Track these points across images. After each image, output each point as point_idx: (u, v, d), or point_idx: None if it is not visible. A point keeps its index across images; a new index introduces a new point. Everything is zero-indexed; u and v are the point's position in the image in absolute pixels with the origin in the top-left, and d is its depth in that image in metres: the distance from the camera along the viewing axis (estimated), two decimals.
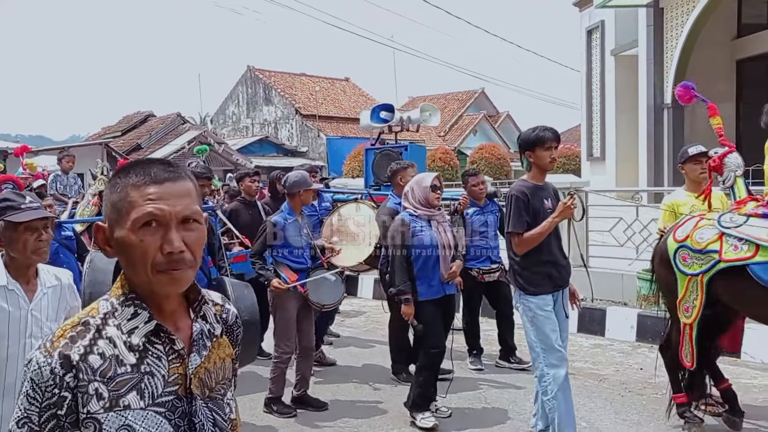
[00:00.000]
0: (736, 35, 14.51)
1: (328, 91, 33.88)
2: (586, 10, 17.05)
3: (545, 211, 3.92)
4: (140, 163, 1.32)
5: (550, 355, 3.89)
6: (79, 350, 1.21)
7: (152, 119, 27.63)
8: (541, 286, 3.93)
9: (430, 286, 4.52)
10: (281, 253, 4.98)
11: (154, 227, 1.25)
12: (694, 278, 4.08)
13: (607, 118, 16.39)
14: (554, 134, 3.94)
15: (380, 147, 7.89)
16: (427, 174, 4.76)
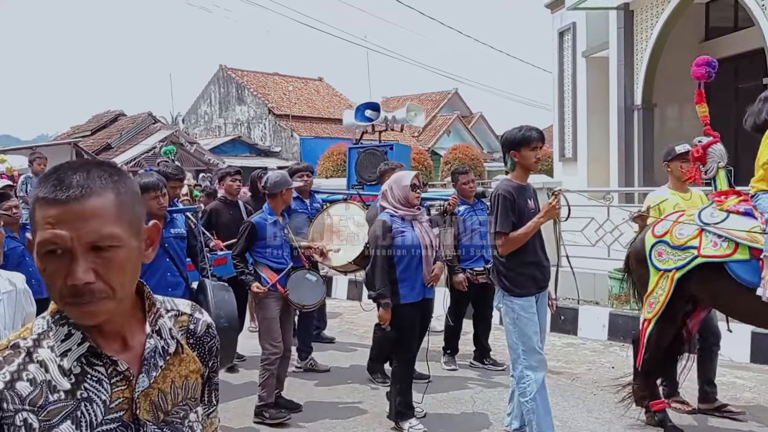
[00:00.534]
0: (704, 38, 14.76)
1: (302, 91, 33.74)
2: (558, 12, 17.20)
3: (529, 212, 3.92)
4: (56, 171, 1.13)
5: (531, 357, 3.87)
6: (5, 377, 1.09)
7: (123, 118, 27.24)
8: (526, 288, 3.91)
9: (413, 288, 4.44)
10: (262, 253, 4.93)
11: (59, 254, 1.09)
12: (666, 274, 4.07)
13: (579, 119, 16.55)
14: (540, 134, 3.93)
15: (364, 146, 7.83)
16: (406, 172, 4.66)
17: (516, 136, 3.88)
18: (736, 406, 4.80)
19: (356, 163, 7.55)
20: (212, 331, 1.37)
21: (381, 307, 4.39)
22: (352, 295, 9.29)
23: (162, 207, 4.15)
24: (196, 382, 1.30)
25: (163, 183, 4.19)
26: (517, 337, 3.90)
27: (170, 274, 4.19)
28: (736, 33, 13.60)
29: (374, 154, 7.28)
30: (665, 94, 13.56)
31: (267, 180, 5.02)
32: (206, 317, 1.39)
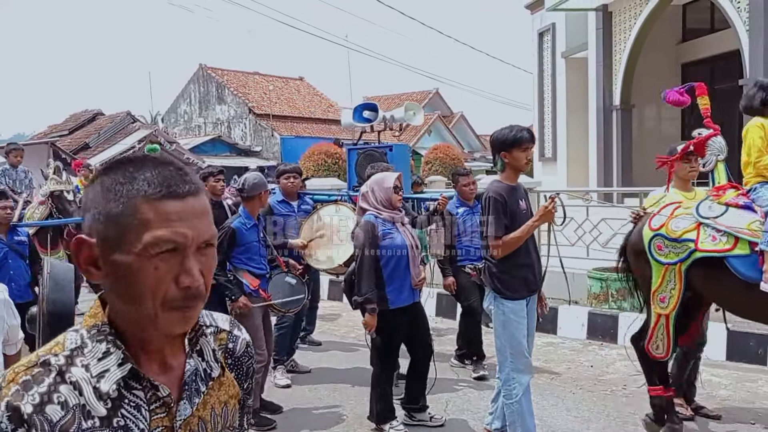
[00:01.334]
0: (681, 39, 14.93)
1: (282, 90, 33.62)
2: (538, 12, 17.31)
3: (521, 213, 3.86)
4: (145, 165, 1.04)
5: (519, 360, 3.84)
6: (34, 400, 0.95)
7: (101, 118, 26.96)
8: (518, 291, 3.85)
9: (401, 292, 4.33)
10: (241, 259, 4.80)
11: (170, 254, 1.00)
12: (672, 267, 3.99)
13: (558, 119, 16.67)
14: (530, 135, 3.87)
15: (363, 147, 7.69)
16: (387, 174, 4.54)
17: (507, 136, 3.81)
18: (713, 403, 4.86)
19: (356, 165, 7.43)
20: (250, 350, 1.25)
21: (367, 312, 4.24)
22: (332, 295, 9.27)
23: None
24: (234, 408, 1.19)
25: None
26: (505, 340, 3.85)
27: None
28: (712, 35, 13.77)
29: (373, 156, 7.12)
30: (643, 94, 13.70)
31: (244, 182, 4.90)
32: (245, 335, 1.25)
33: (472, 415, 4.84)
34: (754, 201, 3.87)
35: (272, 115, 30.45)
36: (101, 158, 22.21)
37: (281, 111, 31.53)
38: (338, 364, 6.21)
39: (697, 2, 13.20)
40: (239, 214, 4.90)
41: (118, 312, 1.04)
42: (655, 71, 14.05)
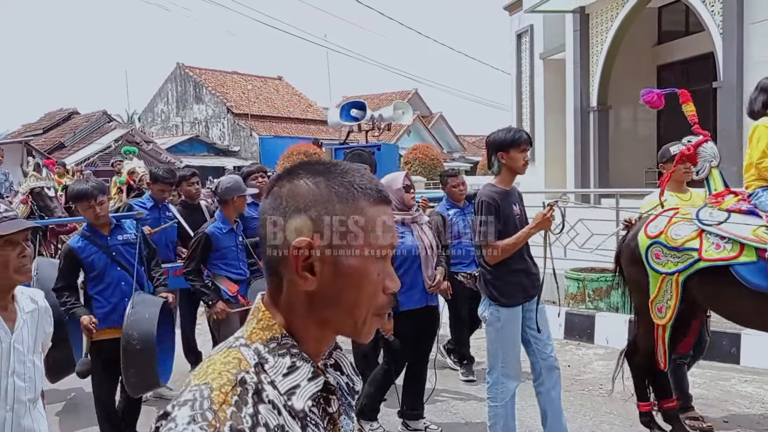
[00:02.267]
0: (656, 42, 15.11)
1: (261, 90, 33.48)
2: (516, 14, 17.41)
3: (514, 218, 3.77)
4: (348, 168, 1.01)
5: (509, 366, 3.78)
6: (247, 422, 0.87)
7: (76, 117, 26.65)
8: (513, 297, 3.76)
9: (412, 295, 4.20)
10: (218, 265, 4.67)
11: (384, 259, 0.99)
12: (669, 277, 3.84)
13: (537, 120, 16.79)
14: (528, 136, 3.80)
15: (351, 146, 7.48)
16: (395, 175, 4.42)
17: (505, 137, 3.72)
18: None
19: None
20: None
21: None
22: None
23: (99, 216, 3.89)
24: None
25: (100, 190, 3.91)
26: (498, 345, 3.78)
27: (125, 283, 3.94)
28: (687, 37, 13.95)
29: (361, 155, 6.97)
30: (620, 96, 13.83)
31: (218, 185, 4.77)
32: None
33: (476, 426, 4.78)
34: (757, 206, 3.74)
35: (251, 114, 30.32)
36: (76, 158, 21.94)
37: (260, 111, 31.42)
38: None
39: (672, 5, 13.36)
40: (215, 218, 4.76)
41: (305, 321, 0.97)
42: (632, 73, 14.19)
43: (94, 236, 3.93)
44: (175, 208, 5.91)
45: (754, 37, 9.65)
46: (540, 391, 3.94)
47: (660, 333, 3.96)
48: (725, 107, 10.10)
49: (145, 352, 3.72)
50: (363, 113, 7.65)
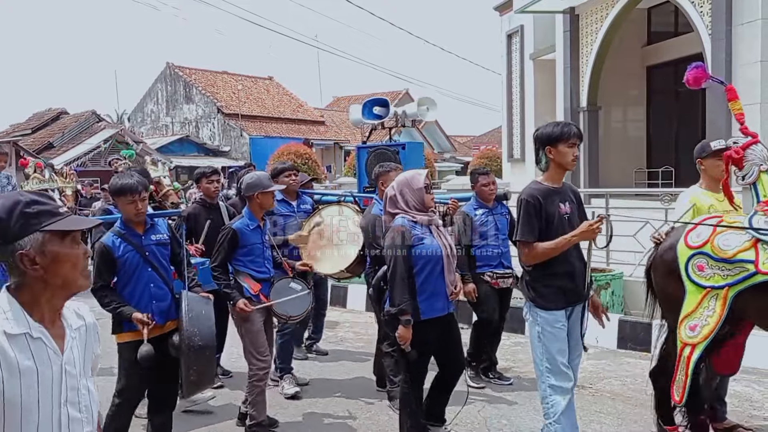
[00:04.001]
0: (646, 42, 15.18)
1: (251, 90, 33.40)
2: (507, 14, 17.47)
3: (561, 217, 3.51)
4: None
5: (555, 376, 3.52)
6: None
7: (65, 117, 26.49)
8: (553, 301, 3.51)
9: (435, 302, 3.91)
10: (243, 262, 4.55)
11: None
12: (715, 291, 3.49)
13: (527, 120, 16.84)
14: (578, 130, 3.55)
15: (374, 145, 7.21)
16: (414, 173, 4.08)
17: (553, 131, 3.50)
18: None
19: (366, 164, 6.92)
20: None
21: (401, 324, 3.80)
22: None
23: (140, 212, 3.76)
24: None
25: (143, 186, 3.78)
26: (540, 353, 3.54)
27: (154, 285, 3.80)
28: (676, 38, 14.03)
29: (385, 155, 6.71)
30: (609, 96, 13.90)
31: (241, 182, 4.66)
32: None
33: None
34: None
35: (241, 114, 30.23)
36: (65, 158, 21.81)
37: (250, 111, 31.33)
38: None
39: (661, 6, 13.43)
40: (242, 214, 4.65)
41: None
42: (621, 73, 14.27)
43: (129, 235, 3.78)
44: (193, 206, 5.83)
45: (742, 37, 9.72)
46: None
47: (687, 354, 3.58)
48: (714, 107, 10.16)
49: (207, 349, 3.65)
50: (386, 111, 7.34)
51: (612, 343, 6.43)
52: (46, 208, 1.66)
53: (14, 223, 1.60)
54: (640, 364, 5.77)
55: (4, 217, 1.60)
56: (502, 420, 4.69)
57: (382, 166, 5.24)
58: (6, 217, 1.61)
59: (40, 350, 1.61)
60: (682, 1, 10.86)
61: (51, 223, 1.63)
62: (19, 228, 1.61)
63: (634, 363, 5.91)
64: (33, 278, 1.62)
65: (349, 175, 19.42)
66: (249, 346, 4.46)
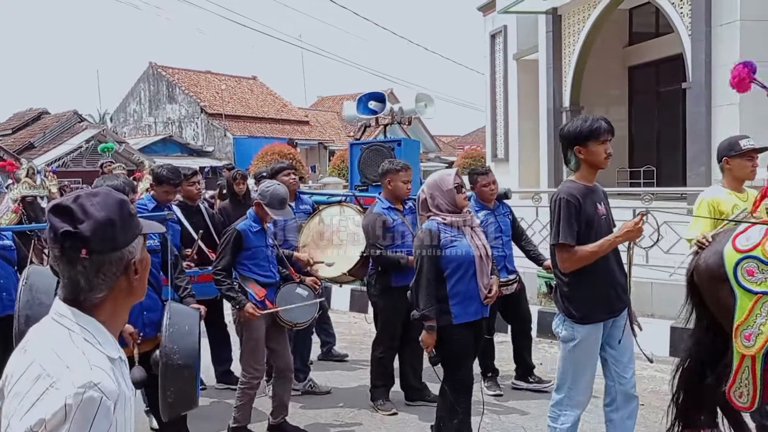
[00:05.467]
0: (627, 43, 15.31)
1: (235, 90, 33.28)
2: (490, 15, 17.53)
3: (600, 218, 3.30)
4: None
5: (576, 391, 3.35)
6: None
7: (46, 117, 26.23)
8: (593, 314, 3.27)
9: (468, 306, 3.73)
10: (247, 266, 4.37)
11: None
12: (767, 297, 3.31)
13: (510, 120, 16.92)
14: (609, 125, 3.30)
15: (368, 142, 6.97)
16: (443, 174, 3.93)
17: (582, 128, 3.26)
18: (657, 397, 4.96)
19: (359, 162, 6.62)
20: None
21: (424, 330, 3.68)
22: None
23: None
24: None
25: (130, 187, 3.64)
26: (569, 366, 3.34)
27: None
28: (657, 39, 14.16)
29: (380, 151, 6.45)
30: (592, 96, 14.00)
31: (267, 191, 4.37)
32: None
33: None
34: None
35: (225, 114, 30.10)
36: (46, 159, 21.61)
37: (234, 110, 31.22)
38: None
39: (642, 7, 13.55)
40: (246, 216, 4.48)
41: None
42: (603, 74, 14.37)
43: None
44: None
45: (722, 38, 9.83)
46: (612, 418, 3.48)
47: (748, 364, 3.37)
48: (694, 108, 10.26)
49: (186, 369, 3.35)
50: (382, 106, 7.10)
51: None
52: (133, 208, 1.47)
53: (126, 225, 1.39)
54: None
55: (116, 219, 1.36)
56: (485, 418, 4.70)
57: (391, 163, 4.93)
58: (118, 217, 1.37)
59: (123, 370, 1.40)
60: (662, 3, 10.97)
61: (142, 225, 1.45)
62: (131, 231, 1.40)
63: None
64: (120, 289, 1.39)
65: (333, 174, 19.42)
66: (247, 354, 4.34)
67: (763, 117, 9.28)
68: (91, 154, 25.20)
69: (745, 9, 9.54)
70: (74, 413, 1.14)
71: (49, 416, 1.14)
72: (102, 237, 1.33)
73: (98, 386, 1.18)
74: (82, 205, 1.33)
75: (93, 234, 1.32)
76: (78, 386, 1.16)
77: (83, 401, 1.16)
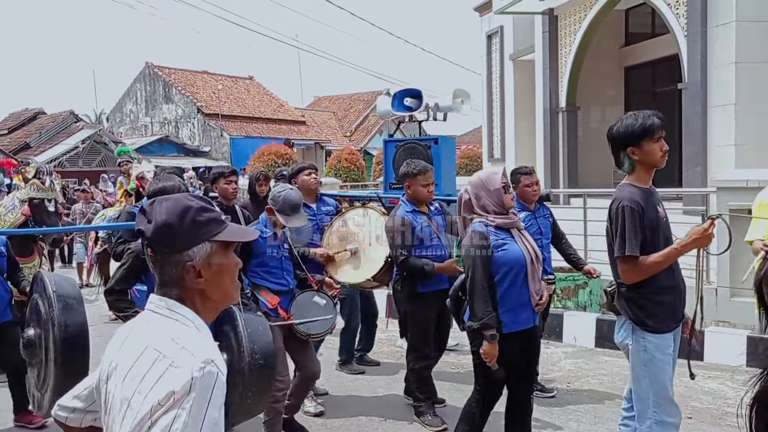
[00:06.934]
0: (624, 43, 15.32)
1: (231, 90, 33.23)
2: (486, 15, 17.54)
3: (662, 222, 3.11)
4: None
5: (665, 409, 3.07)
6: None
7: (42, 117, 26.23)
8: (665, 321, 3.06)
9: (519, 313, 3.52)
10: (258, 273, 4.17)
11: None
12: None
13: (507, 120, 16.93)
14: (661, 119, 3.08)
15: (404, 139, 6.71)
16: (490, 173, 3.73)
17: (634, 127, 3.04)
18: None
19: (394, 160, 6.37)
20: None
21: (485, 340, 3.43)
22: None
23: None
24: None
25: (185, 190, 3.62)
26: (647, 385, 3.07)
27: None
28: (653, 39, 14.18)
29: (416, 149, 6.21)
30: (588, 96, 14.01)
31: (279, 196, 4.18)
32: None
33: None
34: None
35: (221, 114, 30.07)
36: (43, 158, 21.56)
37: (230, 111, 31.18)
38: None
39: (638, 8, 13.57)
40: (258, 220, 4.33)
41: None
42: (600, 74, 14.39)
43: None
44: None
45: (717, 39, 9.84)
46: (628, 424, 3.35)
47: None
48: (690, 108, 10.29)
49: (268, 368, 3.24)
50: (418, 102, 6.83)
51: (590, 342, 6.50)
52: (214, 215, 1.53)
53: (186, 231, 1.46)
54: (617, 362, 5.83)
55: (174, 224, 1.46)
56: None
57: (408, 166, 4.67)
58: (177, 223, 1.46)
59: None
60: (658, 3, 10.98)
61: (219, 233, 1.50)
62: (191, 237, 1.47)
63: (612, 361, 5.96)
64: (193, 291, 1.48)
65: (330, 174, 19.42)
66: None
67: (759, 118, 9.31)
68: (88, 154, 25.19)
69: (740, 10, 9.56)
70: (198, 385, 1.29)
71: (179, 388, 1.28)
72: (160, 239, 1.46)
73: (214, 362, 1.33)
74: (154, 208, 1.49)
75: (153, 235, 1.46)
76: (201, 361, 1.31)
77: (204, 374, 1.30)
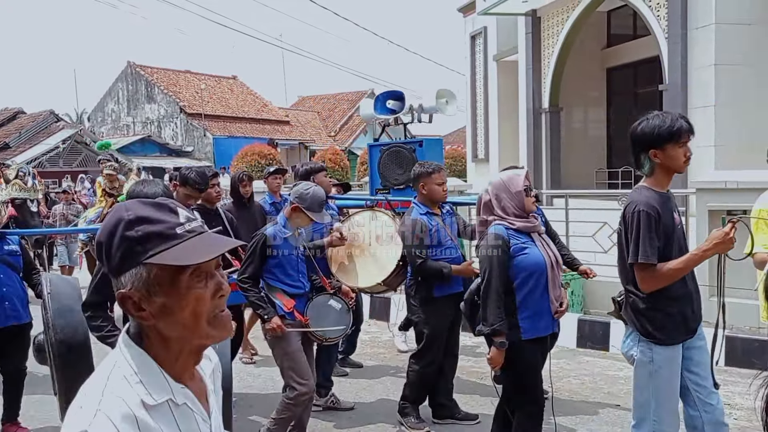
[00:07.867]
0: (606, 45, 15.44)
1: (215, 89, 33.09)
2: (470, 16, 17.60)
3: (677, 229, 2.98)
4: None
5: (662, 421, 2.99)
6: None
7: (22, 116, 25.92)
8: (673, 333, 2.95)
9: (538, 320, 3.42)
10: (275, 275, 4.09)
11: None
12: None
13: (491, 120, 17.00)
14: (689, 123, 2.92)
15: (388, 143, 6.69)
16: (512, 174, 3.60)
17: (660, 129, 2.86)
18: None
19: (379, 164, 6.33)
20: None
21: (493, 346, 3.35)
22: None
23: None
24: None
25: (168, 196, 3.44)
26: (650, 394, 2.99)
27: None
28: (634, 41, 14.30)
29: (401, 153, 6.20)
30: (571, 97, 14.10)
31: (307, 194, 4.08)
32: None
33: None
34: None
35: (204, 114, 29.92)
36: (23, 159, 21.31)
37: (213, 110, 31.04)
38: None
39: (620, 9, 13.67)
40: (276, 220, 4.21)
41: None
42: (582, 75, 14.49)
43: None
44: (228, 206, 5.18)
45: (697, 41, 9.95)
46: None
47: None
48: (670, 109, 10.34)
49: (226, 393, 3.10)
50: (401, 104, 6.78)
51: (571, 342, 6.52)
52: (156, 228, 1.12)
53: (114, 251, 1.13)
54: (598, 363, 5.86)
55: (104, 242, 1.14)
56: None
57: (422, 166, 4.58)
58: (106, 242, 1.14)
59: (187, 420, 1.17)
60: (639, 5, 11.08)
61: (159, 252, 1.11)
62: (121, 259, 1.12)
63: (593, 362, 5.99)
64: (145, 327, 1.15)
65: None
66: (287, 369, 3.99)
67: (738, 119, 9.42)
68: (68, 155, 24.95)
69: (720, 12, 9.67)
70: None
71: None
72: (101, 260, 1.17)
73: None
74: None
75: (97, 255, 1.18)
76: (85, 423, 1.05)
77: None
